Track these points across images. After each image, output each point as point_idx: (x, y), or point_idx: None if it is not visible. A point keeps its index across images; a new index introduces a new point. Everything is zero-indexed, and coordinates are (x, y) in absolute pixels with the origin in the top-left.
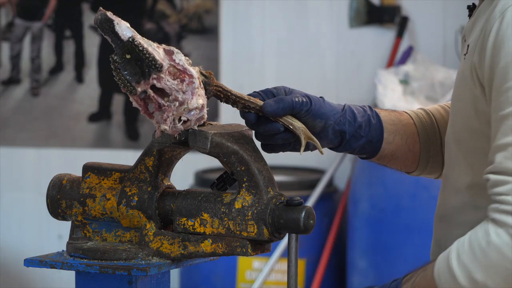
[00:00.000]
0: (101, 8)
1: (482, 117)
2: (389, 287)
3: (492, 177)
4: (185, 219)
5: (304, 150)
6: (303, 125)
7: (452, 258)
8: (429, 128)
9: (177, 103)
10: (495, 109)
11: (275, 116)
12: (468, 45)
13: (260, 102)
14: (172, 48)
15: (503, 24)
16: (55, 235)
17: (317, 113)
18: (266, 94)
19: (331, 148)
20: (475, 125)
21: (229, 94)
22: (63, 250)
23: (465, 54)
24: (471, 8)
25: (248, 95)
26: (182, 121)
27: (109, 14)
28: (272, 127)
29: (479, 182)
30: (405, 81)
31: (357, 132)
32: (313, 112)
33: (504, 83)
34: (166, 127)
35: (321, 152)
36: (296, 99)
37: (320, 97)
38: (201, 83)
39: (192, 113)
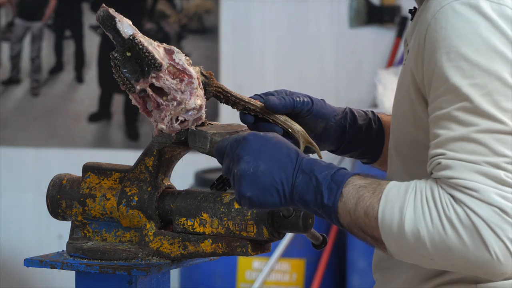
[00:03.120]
0: (103, 4)
1: (419, 124)
2: (334, 173)
3: (444, 161)
4: (184, 219)
5: (305, 153)
6: (303, 129)
7: (409, 201)
8: None
9: (175, 103)
10: (434, 109)
11: (276, 112)
12: (408, 51)
13: (260, 104)
14: (172, 47)
15: (436, 27)
16: (55, 235)
17: (319, 113)
18: (267, 96)
19: (331, 151)
20: (412, 133)
21: (229, 95)
22: (63, 250)
23: (405, 60)
24: (413, 12)
25: (250, 97)
26: (180, 121)
27: (111, 11)
28: (271, 129)
29: None
30: None
31: (357, 135)
32: (315, 112)
33: (441, 85)
34: (164, 126)
35: (320, 156)
36: (298, 99)
37: (321, 99)
38: (201, 83)
39: (190, 113)
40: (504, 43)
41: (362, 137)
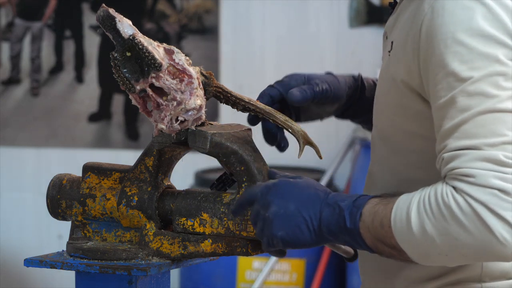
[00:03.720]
0: (103, 4)
1: (408, 113)
2: (356, 199)
3: (446, 154)
4: (184, 219)
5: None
6: (303, 129)
7: (413, 202)
8: None
9: (175, 103)
10: (434, 99)
11: (297, 104)
12: (392, 42)
13: (260, 104)
14: (172, 47)
15: (433, 15)
16: (55, 235)
17: (336, 97)
18: (283, 86)
19: (335, 116)
20: (401, 122)
21: (229, 95)
22: (63, 250)
23: (389, 51)
24: (393, 5)
25: (265, 90)
26: (179, 121)
27: (111, 11)
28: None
29: (405, 178)
30: None
31: (363, 104)
32: (332, 97)
33: (440, 72)
34: (163, 126)
35: (320, 157)
36: (317, 88)
37: (332, 75)
38: (201, 83)
39: (190, 113)
40: (500, 28)
41: (368, 106)
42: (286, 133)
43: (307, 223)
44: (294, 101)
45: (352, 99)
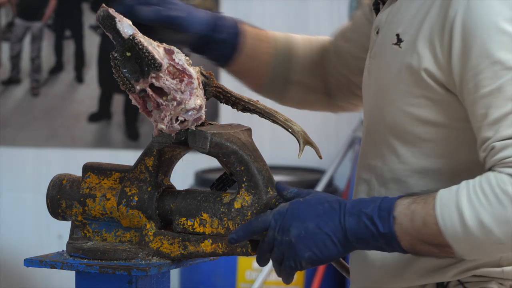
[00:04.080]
0: (103, 4)
1: (426, 103)
2: (380, 203)
3: (498, 143)
4: (184, 219)
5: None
6: (303, 129)
7: (462, 196)
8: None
9: (175, 103)
10: (476, 88)
11: (146, 22)
12: (398, 35)
13: (260, 104)
14: (172, 47)
15: (470, 8)
16: (55, 235)
17: (188, 28)
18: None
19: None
20: (415, 112)
21: (229, 95)
22: (63, 250)
23: (396, 44)
24: (382, 1)
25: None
26: (179, 121)
27: (111, 11)
28: None
29: (415, 168)
30: None
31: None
32: (185, 28)
33: (483, 61)
34: (163, 126)
35: (320, 157)
36: (174, 13)
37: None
38: (201, 83)
39: (190, 113)
40: None
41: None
42: (286, 133)
43: (331, 237)
44: (140, 16)
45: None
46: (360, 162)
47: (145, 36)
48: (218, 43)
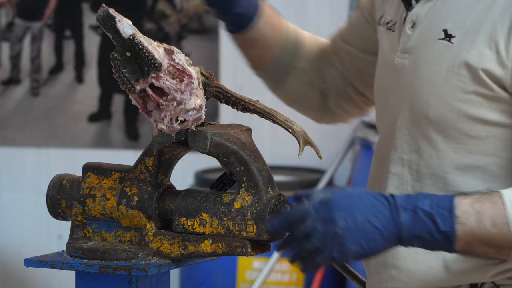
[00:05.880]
0: (103, 4)
1: (478, 100)
2: (438, 200)
3: None
4: (184, 219)
5: None
6: (303, 129)
7: None
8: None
9: (175, 103)
10: None
11: None
12: (445, 30)
13: (260, 104)
14: (172, 47)
15: None
16: (55, 235)
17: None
18: None
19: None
20: (466, 109)
21: (229, 95)
22: (63, 250)
23: (445, 39)
24: None
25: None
26: (179, 121)
27: (111, 11)
28: None
29: (461, 164)
30: None
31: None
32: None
33: None
34: (163, 126)
35: (320, 157)
36: None
37: None
38: (201, 83)
39: (190, 113)
40: None
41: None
42: (286, 133)
43: (381, 232)
44: None
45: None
46: (387, 156)
47: (145, 36)
48: (237, 10)
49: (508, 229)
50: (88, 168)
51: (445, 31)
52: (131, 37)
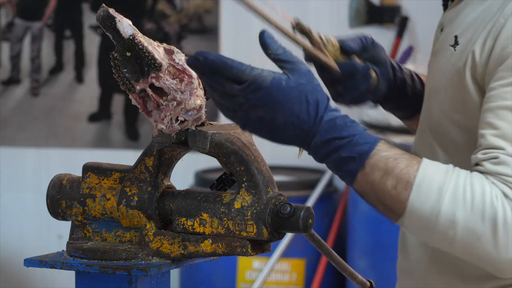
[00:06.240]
0: (103, 4)
1: (472, 112)
2: (356, 143)
3: (504, 157)
4: (184, 219)
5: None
6: None
7: (448, 183)
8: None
9: (175, 103)
10: (496, 99)
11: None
12: (456, 36)
13: None
14: (172, 47)
15: None
16: (55, 235)
17: (379, 59)
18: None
19: (373, 101)
20: (460, 120)
21: None
22: (63, 250)
23: (452, 46)
24: None
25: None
26: (179, 121)
27: (111, 11)
28: (348, 65)
29: None
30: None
31: (400, 88)
32: (377, 57)
33: (509, 77)
34: (163, 126)
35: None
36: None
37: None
38: (201, 83)
39: (190, 113)
40: None
41: (404, 91)
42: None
43: (291, 141)
44: (351, 46)
45: (393, 90)
46: None
47: (145, 36)
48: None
49: (405, 197)
50: (88, 168)
51: (455, 37)
52: (131, 37)
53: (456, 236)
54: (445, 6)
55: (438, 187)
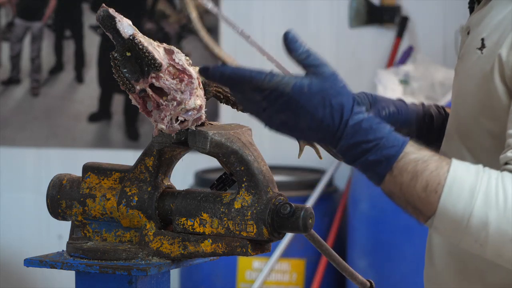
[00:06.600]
0: (103, 4)
1: (500, 117)
2: (383, 146)
3: None
4: (184, 219)
5: None
6: None
7: (481, 184)
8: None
9: (175, 103)
10: None
11: None
12: (482, 39)
13: None
14: (172, 47)
15: None
16: (55, 235)
17: (404, 121)
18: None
19: None
20: (488, 124)
21: (229, 95)
22: (63, 250)
23: (479, 48)
24: (477, 0)
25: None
26: (179, 121)
27: (111, 11)
28: None
29: None
30: (405, 81)
31: (432, 134)
32: (401, 121)
33: None
34: (163, 127)
35: (320, 157)
36: (384, 113)
37: (402, 101)
38: (201, 83)
39: (190, 113)
40: None
41: (438, 134)
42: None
43: (316, 139)
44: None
45: (423, 127)
46: None
47: (145, 36)
48: None
49: (435, 199)
50: (88, 168)
51: (482, 40)
52: (131, 37)
53: (488, 238)
54: (471, 9)
55: (470, 188)
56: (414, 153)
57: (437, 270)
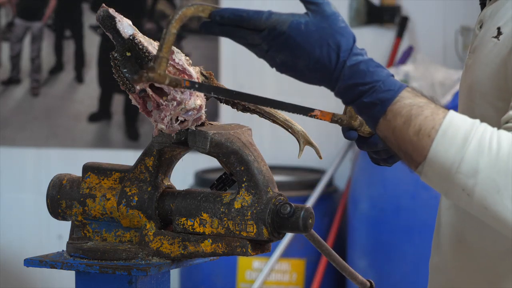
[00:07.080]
0: (103, 4)
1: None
2: (379, 88)
3: None
4: (184, 219)
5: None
6: (303, 129)
7: (476, 133)
8: None
9: (175, 103)
10: None
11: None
12: (499, 28)
13: None
14: (172, 47)
15: None
16: (55, 235)
17: None
18: None
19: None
20: (503, 107)
21: None
22: (63, 250)
23: (495, 37)
24: None
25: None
26: (179, 121)
27: (111, 11)
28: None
29: None
30: (405, 81)
31: None
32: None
33: None
34: (163, 126)
35: (320, 157)
36: None
37: None
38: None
39: (190, 113)
40: None
41: None
42: (286, 133)
43: (312, 82)
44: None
45: None
46: None
47: (145, 36)
48: None
49: (428, 142)
50: (88, 168)
51: (498, 28)
52: (131, 37)
53: (475, 187)
54: (483, 5)
55: (464, 134)
56: (410, 98)
57: (445, 259)
